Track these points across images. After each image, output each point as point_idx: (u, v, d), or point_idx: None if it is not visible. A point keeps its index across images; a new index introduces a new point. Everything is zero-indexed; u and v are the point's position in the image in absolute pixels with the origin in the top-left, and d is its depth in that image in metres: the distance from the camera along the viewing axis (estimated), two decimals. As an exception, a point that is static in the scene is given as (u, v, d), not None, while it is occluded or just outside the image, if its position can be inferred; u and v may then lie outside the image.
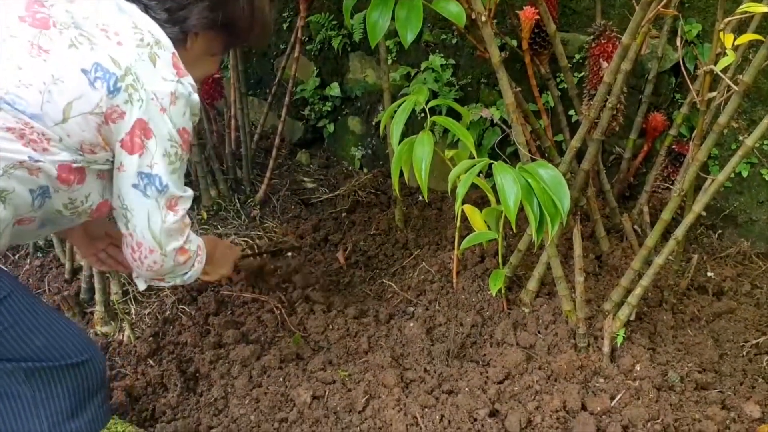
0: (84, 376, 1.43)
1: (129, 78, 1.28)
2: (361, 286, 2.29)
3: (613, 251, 2.18)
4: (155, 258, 1.42)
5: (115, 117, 1.29)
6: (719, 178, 1.65)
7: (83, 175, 1.33)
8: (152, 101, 1.30)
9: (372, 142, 3.07)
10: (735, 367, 1.83)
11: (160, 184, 1.36)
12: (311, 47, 3.05)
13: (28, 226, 1.34)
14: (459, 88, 2.69)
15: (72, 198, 1.35)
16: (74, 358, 1.40)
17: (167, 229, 1.40)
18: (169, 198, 1.39)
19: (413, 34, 1.72)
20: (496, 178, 1.61)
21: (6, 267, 2.43)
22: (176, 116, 1.35)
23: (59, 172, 1.28)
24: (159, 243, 1.40)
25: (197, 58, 1.48)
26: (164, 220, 1.39)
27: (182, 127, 1.37)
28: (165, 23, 1.39)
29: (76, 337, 1.42)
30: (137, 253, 1.42)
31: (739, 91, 1.57)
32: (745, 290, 2.11)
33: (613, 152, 2.48)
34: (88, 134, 1.28)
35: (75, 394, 1.43)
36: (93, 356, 1.44)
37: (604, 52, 1.87)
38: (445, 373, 1.82)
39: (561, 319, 1.90)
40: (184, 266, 1.50)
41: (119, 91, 1.27)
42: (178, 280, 1.54)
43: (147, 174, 1.34)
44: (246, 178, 2.82)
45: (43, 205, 1.31)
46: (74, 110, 1.25)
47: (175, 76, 1.34)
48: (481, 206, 1.98)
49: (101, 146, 1.31)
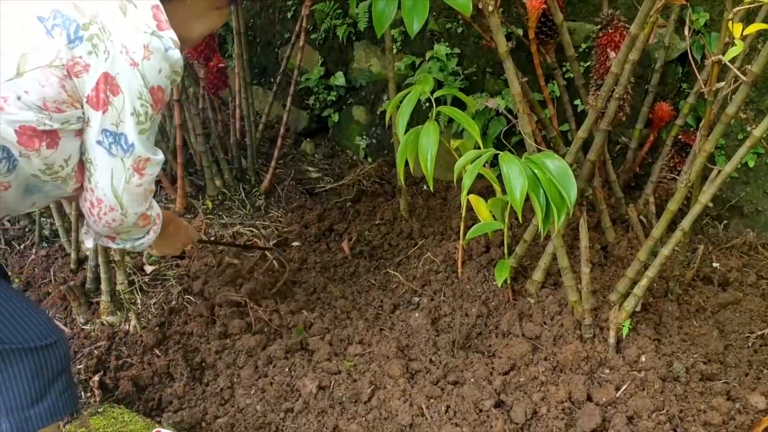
0: (45, 359, 1.37)
1: (94, 27, 1.18)
2: (366, 276, 2.29)
3: (619, 242, 2.18)
4: (114, 216, 1.35)
5: (78, 70, 1.18)
6: (726, 169, 1.63)
7: (55, 139, 1.24)
8: (120, 54, 1.19)
9: (376, 131, 3.06)
10: (740, 358, 1.83)
11: (125, 143, 1.26)
12: (316, 36, 3.04)
13: (5, 192, 1.26)
14: (464, 77, 2.67)
15: (48, 163, 1.26)
16: (36, 342, 1.35)
17: (131, 191, 1.32)
18: (137, 159, 1.29)
19: (419, 23, 1.71)
20: (503, 169, 1.60)
21: (12, 257, 2.44)
22: (150, 72, 1.23)
23: (19, 136, 1.18)
24: (120, 203, 1.32)
25: (201, 12, 1.39)
26: (128, 181, 1.30)
27: (156, 86, 1.25)
28: None
29: (39, 321, 1.37)
30: (96, 209, 1.34)
31: (748, 81, 1.56)
32: (750, 281, 2.11)
33: (618, 142, 2.47)
34: (49, 90, 1.17)
35: (36, 379, 1.37)
36: (56, 341, 1.39)
37: (612, 41, 1.86)
38: (450, 364, 1.82)
39: (567, 310, 1.90)
40: (141, 230, 1.44)
41: (81, 40, 1.17)
42: (128, 244, 1.48)
43: (112, 132, 1.25)
44: (251, 168, 2.81)
45: (14, 170, 1.23)
46: (29, 63, 1.15)
47: (149, 28, 1.22)
48: (486, 196, 1.98)
49: (68, 103, 1.21)
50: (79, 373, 1.90)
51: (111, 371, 1.90)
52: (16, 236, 2.53)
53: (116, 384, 1.87)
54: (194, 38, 1.44)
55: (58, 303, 2.16)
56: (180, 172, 2.47)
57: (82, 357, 1.96)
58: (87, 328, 2.06)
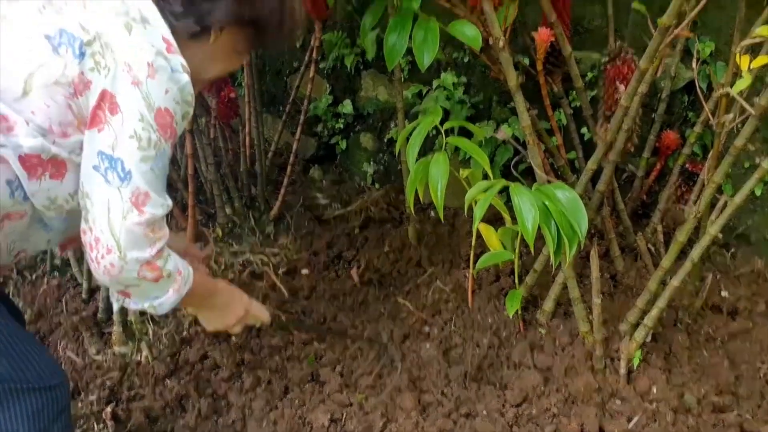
0: (47, 400, 1.34)
1: (96, 44, 1.15)
2: (376, 305, 2.30)
3: (628, 271, 2.19)
4: (112, 260, 1.18)
5: (82, 88, 1.15)
6: (736, 200, 1.65)
7: (61, 170, 1.18)
8: (123, 72, 1.14)
9: (384, 158, 3.08)
10: (752, 390, 1.83)
11: (122, 169, 1.15)
12: (324, 65, 3.07)
13: (19, 222, 1.21)
14: (471, 105, 2.70)
15: (51, 197, 1.20)
16: (40, 382, 1.32)
17: (129, 229, 1.17)
18: (135, 191, 1.16)
19: (430, 57, 1.73)
20: (514, 201, 1.61)
21: (23, 287, 2.45)
22: (155, 92, 1.16)
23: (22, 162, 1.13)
24: (117, 243, 1.17)
25: (221, 54, 1.35)
26: (125, 216, 1.16)
27: (163, 107, 1.17)
28: (180, 16, 1.25)
29: (44, 361, 1.34)
30: (95, 252, 1.20)
31: (756, 114, 1.58)
32: (759, 310, 2.10)
33: (626, 170, 2.49)
34: (55, 110, 1.14)
35: (37, 419, 1.34)
36: (60, 383, 1.36)
37: (620, 74, 1.88)
38: (462, 396, 1.82)
39: (578, 340, 1.90)
40: (154, 286, 1.26)
41: (84, 56, 1.14)
42: (146, 304, 1.30)
43: (108, 156, 1.15)
44: (260, 195, 2.83)
45: (29, 199, 1.19)
46: (36, 81, 1.12)
47: (155, 48, 1.17)
48: (494, 223, 1.98)
49: (74, 126, 1.17)
50: (91, 404, 1.91)
51: (123, 402, 1.91)
52: (27, 266, 2.54)
53: (128, 415, 1.87)
54: (210, 79, 1.41)
55: (70, 333, 2.17)
56: (191, 201, 2.49)
57: (95, 388, 1.97)
58: (99, 359, 2.07)
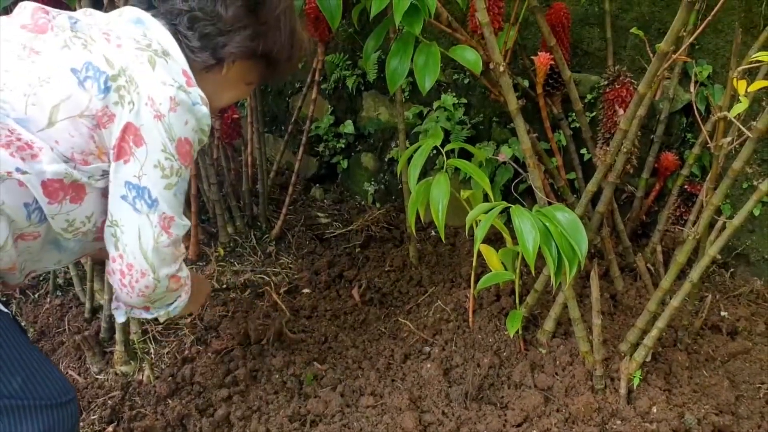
0: (57, 418, 1.34)
1: (121, 78, 1.20)
2: (377, 324, 2.31)
3: (628, 291, 2.20)
4: (147, 282, 1.29)
5: (105, 120, 1.20)
6: (734, 222, 1.66)
7: (81, 194, 1.24)
8: (146, 106, 1.20)
9: (384, 177, 3.11)
10: (752, 410, 1.84)
11: (149, 197, 1.24)
12: (326, 86, 3.11)
13: (33, 242, 1.25)
14: (471, 126, 2.73)
15: (69, 220, 1.24)
16: (51, 399, 1.32)
17: (160, 251, 1.27)
18: (162, 216, 1.26)
19: (431, 81, 1.76)
20: (515, 222, 1.63)
21: (26, 306, 2.46)
22: (176, 124, 1.23)
23: (44, 187, 1.18)
24: (151, 265, 1.27)
25: (232, 84, 1.44)
26: (157, 239, 1.26)
27: (183, 137, 1.25)
28: (197, 50, 1.34)
29: (55, 378, 1.35)
30: (127, 278, 1.28)
31: (753, 137, 1.60)
32: (759, 330, 2.12)
33: (625, 191, 2.51)
34: (78, 140, 1.19)
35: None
36: (71, 399, 1.37)
37: (619, 97, 1.91)
38: (463, 416, 1.83)
39: (578, 360, 1.91)
40: (174, 294, 1.39)
41: (109, 90, 1.19)
42: (162, 311, 1.43)
43: (135, 186, 1.23)
44: (262, 215, 2.85)
45: (46, 221, 1.23)
46: (61, 113, 1.17)
47: (177, 83, 1.24)
48: (494, 243, 2.00)
49: (95, 155, 1.22)
50: (93, 424, 1.91)
51: (125, 422, 1.91)
52: (30, 285, 2.55)
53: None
54: (220, 107, 1.50)
55: (72, 353, 2.18)
56: (194, 221, 2.51)
57: (96, 407, 1.97)
58: (101, 378, 2.08)
